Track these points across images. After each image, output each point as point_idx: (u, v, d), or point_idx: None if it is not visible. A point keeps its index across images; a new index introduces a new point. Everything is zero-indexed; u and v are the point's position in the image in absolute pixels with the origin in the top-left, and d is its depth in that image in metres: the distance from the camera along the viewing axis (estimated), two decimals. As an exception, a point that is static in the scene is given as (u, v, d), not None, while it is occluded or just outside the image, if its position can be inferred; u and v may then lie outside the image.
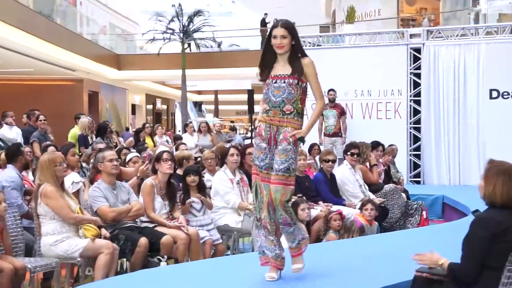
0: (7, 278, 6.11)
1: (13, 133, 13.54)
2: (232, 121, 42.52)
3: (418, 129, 14.52)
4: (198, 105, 43.21)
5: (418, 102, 14.49)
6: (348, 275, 5.75)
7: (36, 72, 27.97)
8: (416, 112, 14.52)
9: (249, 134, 25.63)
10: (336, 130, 14.43)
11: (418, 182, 14.42)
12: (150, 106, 43.70)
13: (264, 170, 5.27)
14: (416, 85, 14.49)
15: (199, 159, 11.62)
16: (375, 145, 11.68)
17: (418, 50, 14.48)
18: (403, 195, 10.85)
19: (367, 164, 10.98)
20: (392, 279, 5.42)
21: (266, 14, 34.03)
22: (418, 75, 14.46)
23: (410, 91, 14.51)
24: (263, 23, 33.26)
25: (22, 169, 8.50)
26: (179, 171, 8.82)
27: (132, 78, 34.38)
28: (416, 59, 14.51)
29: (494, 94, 13.69)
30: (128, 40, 38.09)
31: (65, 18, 27.28)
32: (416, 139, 14.57)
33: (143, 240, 7.09)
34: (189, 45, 33.36)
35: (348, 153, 10.31)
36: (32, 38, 22.05)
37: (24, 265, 6.43)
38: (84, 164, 10.65)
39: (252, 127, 27.19)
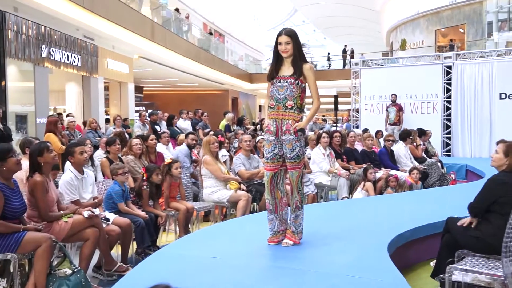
0: (182, 214, 6.33)
1: (186, 124, 13.90)
2: (323, 115, 42.09)
3: (449, 120, 14.12)
4: (302, 105, 42.92)
5: (449, 102, 14.07)
6: (401, 215, 5.63)
7: (199, 85, 28.64)
8: (448, 108, 14.11)
9: (334, 124, 25.39)
10: (395, 121, 14.16)
11: (449, 155, 13.99)
12: (271, 106, 43.70)
13: (270, 160, 4.26)
14: (448, 90, 14.05)
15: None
16: (423, 133, 11.85)
17: (449, 67, 14.07)
18: (439, 164, 10.58)
19: (414, 144, 10.82)
20: (431, 219, 5.25)
21: (345, 45, 33.47)
22: (449, 84, 14.03)
23: (444, 95, 14.09)
24: (344, 51, 32.71)
25: (190, 147, 8.74)
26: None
27: (259, 88, 34.47)
28: (448, 73, 14.07)
29: (503, 96, 13.26)
30: (257, 64, 38.25)
31: (217, 51, 27.66)
32: (447, 126, 14.16)
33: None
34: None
35: (408, 138, 10.31)
36: (197, 64, 22.50)
37: (193, 206, 6.62)
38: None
39: (336, 118, 26.91)
